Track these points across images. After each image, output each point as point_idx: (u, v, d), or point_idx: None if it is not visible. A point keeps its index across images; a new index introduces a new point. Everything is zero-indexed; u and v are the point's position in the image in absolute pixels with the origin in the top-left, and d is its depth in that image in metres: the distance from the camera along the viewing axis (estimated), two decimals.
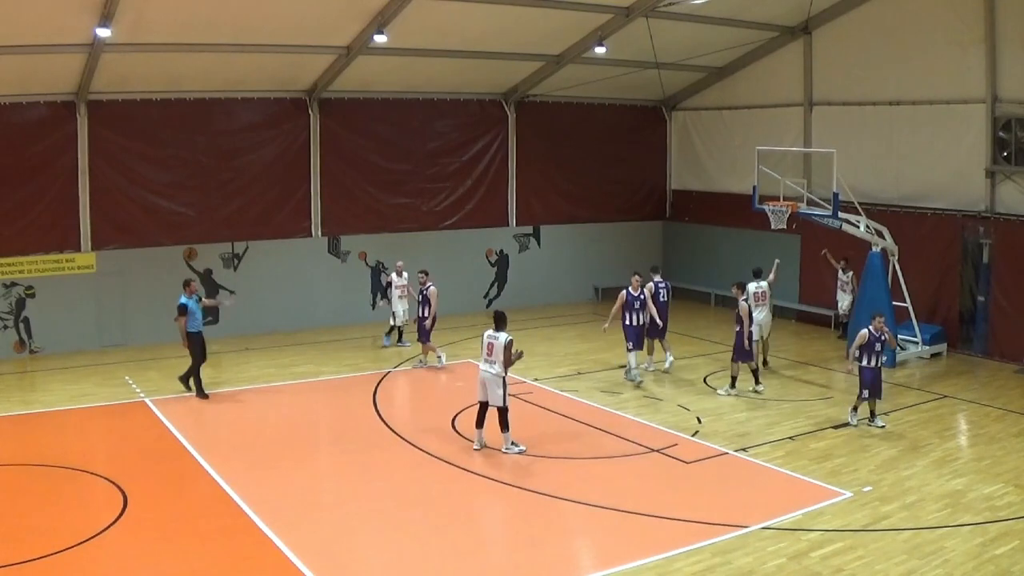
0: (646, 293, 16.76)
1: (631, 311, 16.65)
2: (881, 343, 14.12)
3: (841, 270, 20.14)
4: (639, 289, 16.69)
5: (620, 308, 16.69)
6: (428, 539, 10.41)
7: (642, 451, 13.21)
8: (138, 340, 19.47)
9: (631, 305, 16.64)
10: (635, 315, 16.64)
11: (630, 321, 16.65)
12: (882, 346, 14.16)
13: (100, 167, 19.12)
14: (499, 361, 12.70)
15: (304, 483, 12.19)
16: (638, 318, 16.66)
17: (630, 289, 16.68)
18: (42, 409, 15.24)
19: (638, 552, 9.88)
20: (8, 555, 9.57)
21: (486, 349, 12.94)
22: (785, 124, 22.45)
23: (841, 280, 20.25)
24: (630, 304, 16.64)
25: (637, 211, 25.98)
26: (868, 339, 14.06)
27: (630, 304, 16.64)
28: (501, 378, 12.77)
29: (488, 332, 13.02)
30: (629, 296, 16.64)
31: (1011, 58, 17.76)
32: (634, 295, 16.63)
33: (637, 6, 18.57)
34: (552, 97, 23.85)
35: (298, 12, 16.88)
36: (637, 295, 16.64)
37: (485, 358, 12.95)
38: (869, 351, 14.09)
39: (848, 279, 20.07)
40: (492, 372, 12.82)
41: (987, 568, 9.47)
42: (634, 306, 16.64)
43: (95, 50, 16.57)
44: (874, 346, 14.06)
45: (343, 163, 21.71)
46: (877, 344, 14.05)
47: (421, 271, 18.51)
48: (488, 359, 12.89)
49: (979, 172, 18.65)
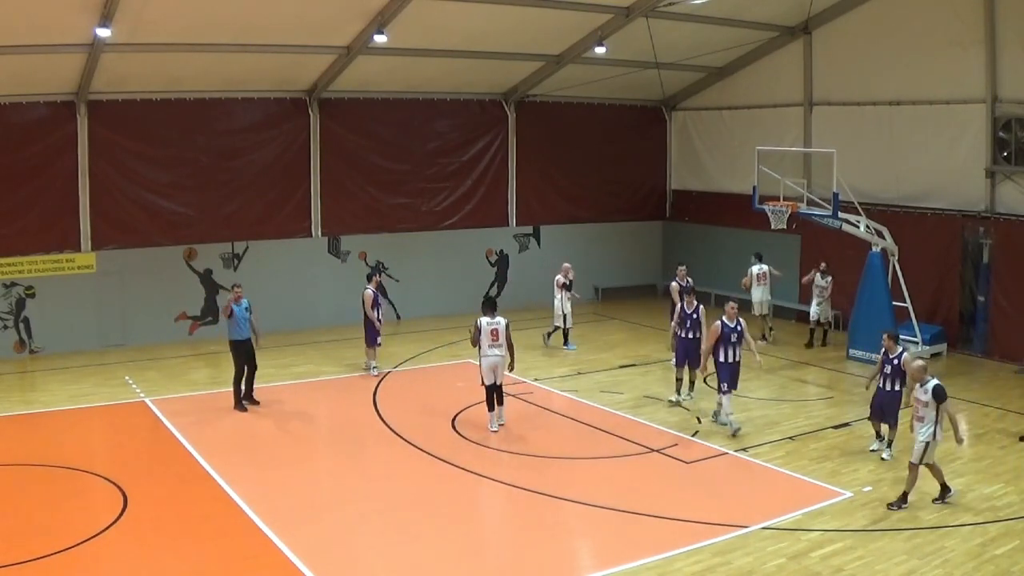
0: (743, 324, 14.02)
1: (727, 345, 13.85)
2: (738, 334, 13.74)
3: (820, 275, 19.36)
4: (735, 319, 13.90)
5: (714, 343, 13.97)
6: (428, 539, 10.41)
7: (642, 451, 13.22)
8: (138, 340, 19.47)
9: (727, 338, 13.85)
10: (732, 350, 13.86)
11: (725, 358, 13.79)
12: (739, 337, 13.76)
13: (100, 167, 19.11)
14: (505, 344, 13.73)
15: (304, 483, 12.20)
16: (734, 353, 13.88)
17: (725, 319, 13.92)
18: (42, 409, 15.24)
19: (638, 552, 9.88)
20: (8, 555, 9.58)
21: (490, 335, 13.69)
22: (785, 124, 22.45)
23: (819, 286, 19.34)
24: (726, 337, 13.85)
25: (637, 211, 25.98)
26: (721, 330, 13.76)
27: (726, 337, 13.85)
28: (504, 358, 13.76)
29: (485, 319, 13.79)
30: (725, 328, 13.86)
31: (1011, 58, 17.76)
32: (730, 326, 13.87)
33: (637, 6, 18.57)
34: (552, 97, 23.85)
35: (298, 12, 16.88)
36: (733, 326, 13.87)
37: (491, 343, 13.70)
38: (725, 343, 13.74)
39: (826, 284, 19.28)
40: (501, 355, 13.74)
41: (987, 568, 9.48)
42: (730, 339, 13.83)
43: (95, 50, 16.56)
44: (730, 337, 13.73)
45: (343, 163, 21.72)
46: (887, 366, 12.80)
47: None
48: (495, 343, 13.71)
49: (979, 172, 18.65)
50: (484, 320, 13.79)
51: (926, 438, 11.00)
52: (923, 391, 11.12)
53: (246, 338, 15.08)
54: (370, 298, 17.17)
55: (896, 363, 12.65)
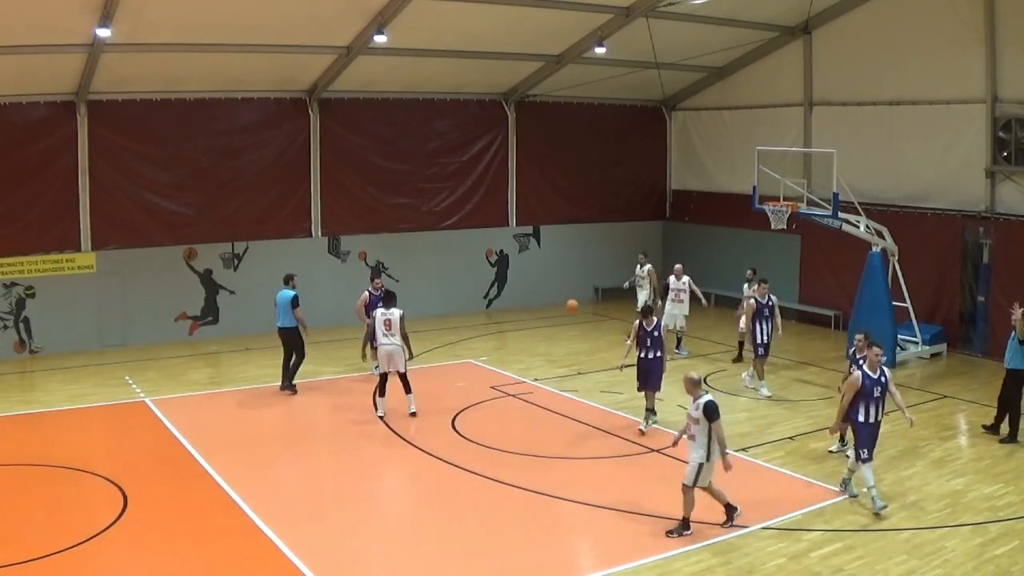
0: (888, 375, 11.91)
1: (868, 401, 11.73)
2: (882, 387, 11.19)
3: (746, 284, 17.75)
4: (877, 369, 11.72)
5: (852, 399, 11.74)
6: (428, 539, 10.41)
7: (642, 451, 13.21)
8: (138, 340, 19.47)
9: (869, 393, 11.79)
10: (874, 408, 11.65)
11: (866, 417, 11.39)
12: (883, 390, 11.23)
13: (100, 167, 19.11)
14: (399, 333, 14.48)
15: (304, 483, 12.20)
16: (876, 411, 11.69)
17: (867, 369, 11.79)
18: (42, 409, 15.24)
19: (638, 552, 9.88)
20: (8, 555, 9.57)
21: (383, 325, 14.51)
22: (785, 124, 22.45)
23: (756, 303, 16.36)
24: (867, 392, 11.74)
25: (637, 211, 25.98)
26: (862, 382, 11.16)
27: (867, 392, 11.74)
28: (402, 347, 14.50)
29: (380, 311, 14.65)
30: (866, 380, 11.65)
31: (1011, 58, 17.76)
32: (873, 378, 11.70)
33: (637, 6, 18.57)
34: (552, 97, 23.85)
35: (298, 12, 16.88)
36: (876, 377, 11.72)
37: (384, 333, 14.51)
38: (867, 399, 11.11)
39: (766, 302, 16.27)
40: (397, 344, 14.50)
41: (987, 568, 9.47)
42: (873, 394, 11.86)
43: (95, 50, 16.56)
44: (872, 391, 11.14)
45: (343, 163, 21.71)
46: (876, 388, 11.13)
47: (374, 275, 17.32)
48: (388, 333, 14.51)
49: (979, 172, 18.65)
50: (379, 311, 14.67)
51: (699, 459, 10.18)
52: (695, 407, 10.22)
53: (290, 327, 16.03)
54: (364, 299, 17.08)
55: (884, 382, 11.32)
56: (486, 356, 18.92)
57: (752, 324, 16.21)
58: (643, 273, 19.89)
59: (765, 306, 16.07)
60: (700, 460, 10.24)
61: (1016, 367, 13.50)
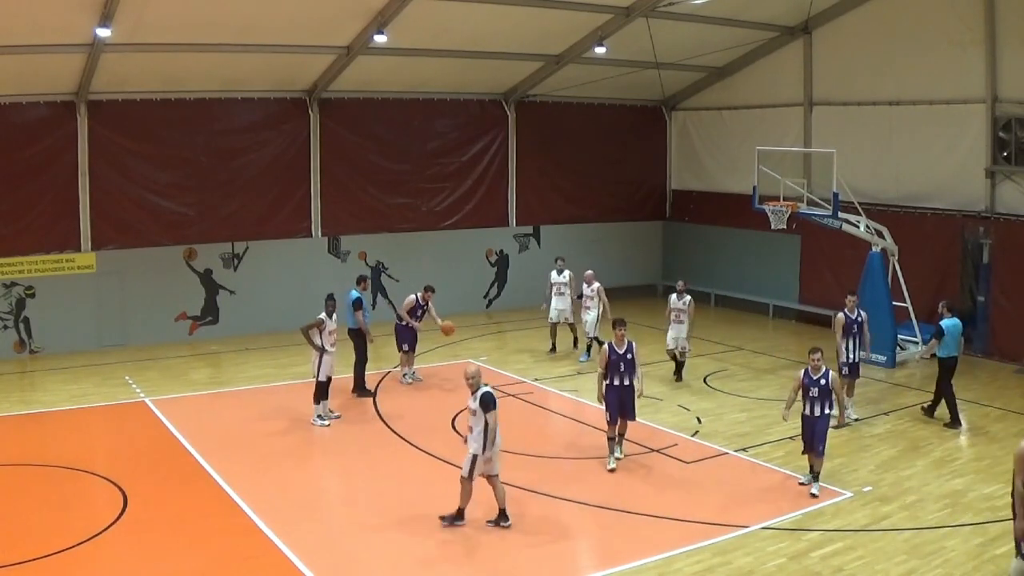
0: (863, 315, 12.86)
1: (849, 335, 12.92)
2: (821, 387, 11.54)
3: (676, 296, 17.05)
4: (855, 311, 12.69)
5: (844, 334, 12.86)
6: (428, 539, 10.40)
7: (642, 451, 13.21)
8: (138, 340, 19.47)
9: (849, 329, 12.97)
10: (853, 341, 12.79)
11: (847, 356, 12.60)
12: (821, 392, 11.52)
13: (100, 167, 19.11)
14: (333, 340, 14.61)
15: (304, 483, 12.21)
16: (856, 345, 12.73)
17: (846, 311, 12.82)
18: (42, 409, 15.24)
19: (638, 552, 9.89)
20: (8, 555, 9.57)
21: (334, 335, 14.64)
22: (785, 124, 22.45)
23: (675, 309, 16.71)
24: (848, 328, 12.95)
25: (637, 211, 25.98)
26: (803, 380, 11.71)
27: (848, 328, 12.95)
28: None
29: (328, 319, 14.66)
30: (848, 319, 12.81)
31: (1011, 58, 17.76)
32: (852, 317, 12.75)
33: (637, 6, 18.57)
34: (552, 97, 23.85)
35: (298, 12, 16.88)
36: (855, 317, 12.71)
37: (333, 344, 14.62)
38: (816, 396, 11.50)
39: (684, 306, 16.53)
40: None
41: (987, 568, 9.47)
42: (852, 330, 12.91)
43: (95, 50, 16.56)
44: (809, 390, 11.59)
45: (343, 163, 21.71)
46: (814, 388, 11.55)
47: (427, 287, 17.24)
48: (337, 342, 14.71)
49: (979, 172, 18.65)
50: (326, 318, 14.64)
51: (475, 451, 10.32)
52: (473, 399, 10.38)
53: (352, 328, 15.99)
54: (410, 303, 16.89)
55: (824, 384, 11.58)
56: (486, 356, 18.92)
57: (843, 341, 14.43)
58: (564, 279, 18.79)
59: (855, 321, 14.34)
60: (475, 452, 10.37)
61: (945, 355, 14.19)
